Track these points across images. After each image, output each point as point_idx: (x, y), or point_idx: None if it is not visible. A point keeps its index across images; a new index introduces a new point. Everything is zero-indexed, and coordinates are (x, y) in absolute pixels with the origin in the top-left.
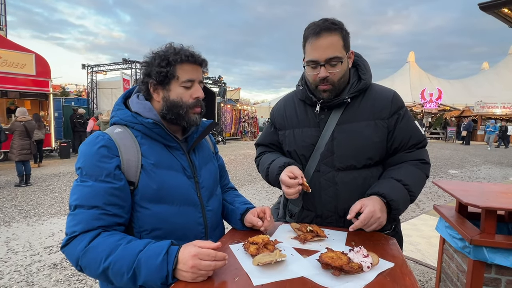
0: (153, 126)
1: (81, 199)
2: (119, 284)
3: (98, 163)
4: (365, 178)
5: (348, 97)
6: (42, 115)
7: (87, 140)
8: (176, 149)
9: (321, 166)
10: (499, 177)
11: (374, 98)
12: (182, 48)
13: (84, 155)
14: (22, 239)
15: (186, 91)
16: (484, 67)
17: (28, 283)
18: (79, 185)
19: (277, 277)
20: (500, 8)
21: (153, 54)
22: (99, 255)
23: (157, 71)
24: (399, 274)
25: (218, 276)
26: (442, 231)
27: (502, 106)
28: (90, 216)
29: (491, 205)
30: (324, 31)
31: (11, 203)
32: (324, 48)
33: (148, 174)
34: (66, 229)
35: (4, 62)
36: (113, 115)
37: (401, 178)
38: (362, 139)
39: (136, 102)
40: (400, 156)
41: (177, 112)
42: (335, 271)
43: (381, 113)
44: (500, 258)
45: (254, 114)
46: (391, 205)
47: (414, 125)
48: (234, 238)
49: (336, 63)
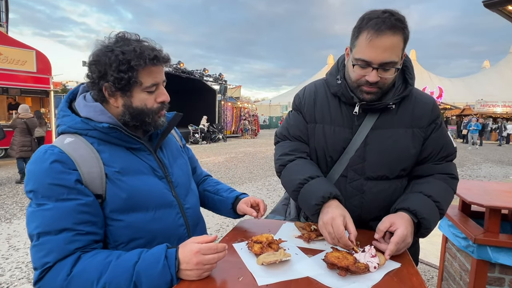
0: (110, 131)
1: (44, 226)
2: None
3: (53, 181)
4: (395, 189)
5: (392, 103)
6: (43, 112)
7: (34, 158)
8: (141, 150)
9: (349, 172)
10: (499, 175)
11: (414, 104)
12: (145, 48)
13: (35, 175)
14: (23, 236)
15: (150, 96)
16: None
17: (29, 280)
18: (37, 211)
19: (282, 277)
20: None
21: (106, 51)
22: (88, 279)
23: (116, 77)
24: (406, 274)
25: (222, 275)
26: (445, 230)
27: (503, 105)
28: (62, 241)
29: (495, 204)
30: (388, 30)
31: (12, 200)
32: (382, 49)
33: (114, 183)
34: (33, 263)
35: (5, 59)
36: (59, 124)
37: (431, 194)
38: (399, 148)
39: (84, 105)
40: (429, 167)
41: (142, 119)
42: (341, 271)
43: (420, 121)
44: (504, 258)
45: (255, 112)
46: (421, 224)
47: (447, 136)
48: (238, 237)
49: (389, 68)
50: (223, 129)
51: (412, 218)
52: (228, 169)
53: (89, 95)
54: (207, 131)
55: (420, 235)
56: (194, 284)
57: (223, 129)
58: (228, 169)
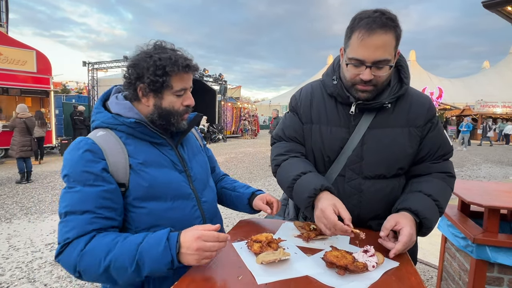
0: (136, 125)
1: (71, 206)
2: (123, 280)
3: (84, 168)
4: (393, 188)
5: (388, 102)
6: (43, 112)
7: (70, 147)
8: (163, 145)
9: (347, 171)
10: (499, 176)
11: (411, 104)
12: (178, 57)
13: (69, 162)
14: (23, 235)
15: (177, 99)
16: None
17: (30, 279)
18: (68, 192)
19: (281, 276)
20: (503, 6)
21: (145, 56)
22: (97, 255)
23: (152, 80)
24: (405, 274)
25: (221, 274)
26: (444, 230)
27: (502, 105)
28: (83, 221)
29: (494, 204)
30: (379, 29)
31: (12, 200)
32: (374, 48)
33: (137, 173)
34: (58, 237)
35: (5, 59)
36: (93, 119)
37: (431, 193)
38: (396, 147)
39: (116, 103)
40: (427, 166)
41: (168, 119)
42: (340, 270)
43: (416, 121)
44: (503, 257)
45: (255, 112)
46: (423, 223)
47: (444, 135)
48: (237, 236)
49: (383, 66)
50: (223, 130)
51: (414, 218)
52: (228, 170)
53: (121, 95)
54: (207, 131)
55: (422, 234)
56: (194, 283)
57: (223, 129)
58: (228, 169)
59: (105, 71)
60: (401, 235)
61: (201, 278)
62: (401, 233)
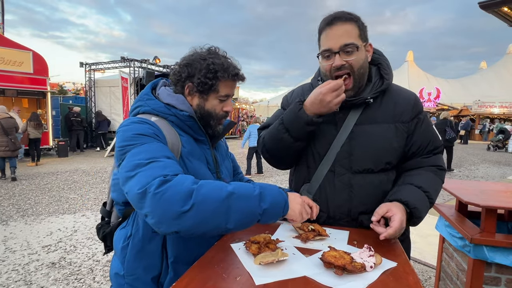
0: (187, 119)
1: (153, 153)
2: (240, 214)
3: (155, 132)
4: (381, 181)
5: (370, 97)
6: (39, 113)
7: (131, 120)
8: (204, 143)
9: (336, 167)
10: (497, 176)
11: (396, 100)
12: (230, 65)
13: (139, 127)
14: (19, 238)
15: (219, 104)
16: (482, 66)
17: (26, 282)
18: (143, 146)
19: (279, 276)
20: (500, 6)
21: (200, 58)
22: (217, 184)
23: (202, 81)
24: (402, 274)
25: (219, 275)
26: (441, 230)
27: (500, 105)
28: (171, 163)
29: (491, 204)
30: (337, 20)
31: (9, 202)
32: (338, 36)
33: (184, 162)
34: (145, 179)
35: (1, 60)
36: (141, 104)
37: (421, 185)
38: (382, 142)
39: (168, 94)
40: (418, 161)
41: (208, 121)
42: (337, 270)
43: (402, 116)
44: (500, 257)
45: (253, 113)
46: (413, 213)
47: (433, 130)
48: (235, 237)
49: (351, 50)
50: None
51: (405, 208)
52: None
53: (169, 88)
54: None
55: (412, 223)
56: (193, 283)
57: None
58: None
59: (102, 72)
60: (392, 221)
61: (199, 278)
62: (392, 219)
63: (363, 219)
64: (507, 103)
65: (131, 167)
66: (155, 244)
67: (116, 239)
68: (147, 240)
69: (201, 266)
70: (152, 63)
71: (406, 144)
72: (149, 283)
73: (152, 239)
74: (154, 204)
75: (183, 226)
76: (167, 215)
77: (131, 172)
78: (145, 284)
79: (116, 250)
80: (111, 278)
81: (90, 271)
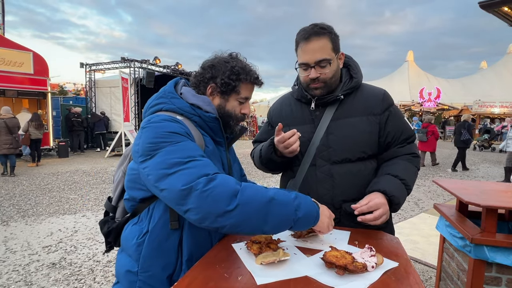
0: (211, 120)
1: (190, 151)
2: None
3: (187, 130)
4: (359, 170)
5: (341, 94)
6: (40, 114)
7: (162, 117)
8: (221, 145)
9: (317, 160)
10: (497, 176)
11: (366, 96)
12: (251, 69)
13: (170, 126)
14: (20, 238)
15: (239, 106)
16: (482, 66)
17: (27, 282)
18: (178, 144)
19: (281, 276)
20: (500, 6)
21: (224, 61)
22: (258, 187)
23: (225, 82)
24: (404, 274)
25: (221, 274)
26: (442, 230)
27: (500, 105)
28: (209, 163)
29: (492, 204)
30: (313, 36)
31: (9, 202)
32: (313, 51)
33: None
34: (189, 177)
35: (2, 61)
36: (165, 102)
37: (397, 174)
38: (356, 133)
39: (193, 94)
40: (393, 151)
41: (227, 121)
42: (339, 270)
43: (373, 110)
44: (500, 257)
45: (253, 113)
46: (392, 200)
47: (404, 121)
48: (237, 237)
49: (325, 65)
50: None
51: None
52: None
53: (190, 88)
54: None
55: (392, 210)
56: (194, 283)
57: None
58: None
59: (102, 72)
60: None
61: (200, 278)
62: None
63: (346, 207)
64: (508, 103)
65: (169, 165)
66: (172, 242)
67: (128, 235)
68: (165, 237)
69: (203, 265)
70: (152, 64)
71: (380, 135)
72: (164, 281)
73: (169, 237)
74: (201, 202)
75: (225, 223)
76: (213, 212)
77: (169, 170)
78: (159, 281)
79: (127, 247)
80: (120, 276)
81: (90, 271)
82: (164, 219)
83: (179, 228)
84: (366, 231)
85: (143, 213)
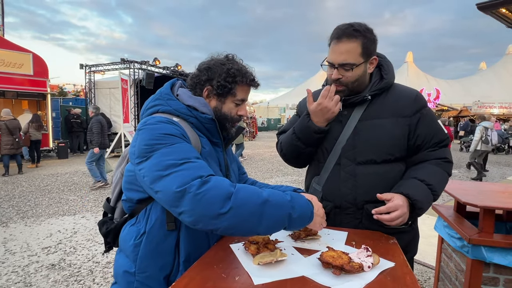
0: (208, 121)
1: (184, 153)
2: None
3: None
4: (385, 172)
5: (368, 95)
6: (39, 115)
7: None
8: (218, 146)
9: (342, 159)
10: (496, 176)
11: (397, 97)
12: (246, 71)
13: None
14: (19, 239)
15: (235, 108)
16: (481, 67)
17: (26, 284)
18: (173, 146)
19: (278, 276)
20: (498, 8)
21: (220, 63)
22: (253, 189)
23: (221, 84)
24: (400, 274)
25: (218, 275)
26: (440, 231)
27: (499, 106)
28: (204, 165)
29: (489, 204)
30: (344, 37)
31: (9, 204)
32: (340, 53)
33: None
34: (182, 179)
35: (1, 62)
36: (161, 103)
37: (424, 178)
38: (383, 134)
39: (189, 96)
40: (424, 154)
41: (223, 123)
42: (335, 270)
43: (403, 111)
44: (498, 257)
45: (253, 114)
46: (414, 204)
47: (437, 124)
48: (235, 238)
49: (348, 68)
50: None
51: (408, 200)
52: None
53: (187, 90)
54: None
55: (415, 215)
56: (192, 283)
57: None
58: None
59: (102, 73)
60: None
61: (198, 278)
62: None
63: (368, 207)
64: (507, 104)
65: (164, 166)
66: (169, 243)
67: (126, 236)
68: (162, 238)
69: (200, 266)
70: (152, 65)
71: (409, 137)
72: (161, 281)
73: (166, 238)
74: (195, 204)
75: (219, 226)
76: (207, 215)
77: (163, 172)
78: (156, 282)
79: (125, 247)
80: (118, 276)
81: (90, 272)
82: (161, 220)
83: (176, 229)
84: (363, 232)
85: (140, 214)
